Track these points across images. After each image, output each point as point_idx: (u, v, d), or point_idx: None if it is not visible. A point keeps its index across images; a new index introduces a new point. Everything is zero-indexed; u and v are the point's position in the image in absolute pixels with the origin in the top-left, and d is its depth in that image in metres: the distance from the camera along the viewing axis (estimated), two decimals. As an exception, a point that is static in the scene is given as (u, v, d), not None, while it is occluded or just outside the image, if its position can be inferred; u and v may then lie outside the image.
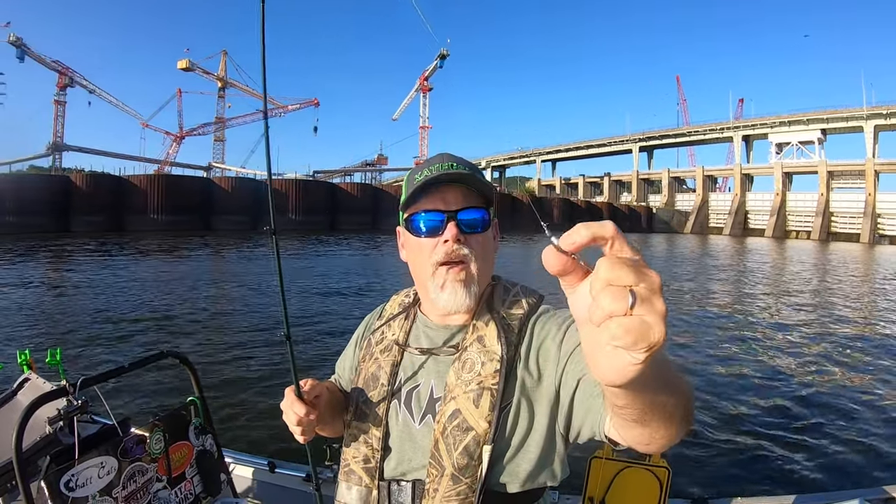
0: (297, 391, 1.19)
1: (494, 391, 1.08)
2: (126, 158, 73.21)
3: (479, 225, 1.17)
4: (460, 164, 1.18)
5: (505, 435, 1.09)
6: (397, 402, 1.21)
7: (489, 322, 1.18)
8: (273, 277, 1.42)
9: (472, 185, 1.17)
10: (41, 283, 16.28)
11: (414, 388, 1.20)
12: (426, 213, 1.16)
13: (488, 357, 1.12)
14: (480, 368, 1.11)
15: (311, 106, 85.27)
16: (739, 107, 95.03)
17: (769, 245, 54.54)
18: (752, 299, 17.25)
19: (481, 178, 1.19)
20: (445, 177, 1.13)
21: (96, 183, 47.10)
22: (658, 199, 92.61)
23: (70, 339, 9.42)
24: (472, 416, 1.07)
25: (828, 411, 6.92)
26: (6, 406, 2.01)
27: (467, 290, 1.15)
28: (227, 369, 7.74)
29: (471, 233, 1.17)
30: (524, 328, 1.18)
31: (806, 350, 10.47)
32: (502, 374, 1.10)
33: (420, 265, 1.20)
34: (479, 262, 1.17)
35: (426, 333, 1.26)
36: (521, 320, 1.18)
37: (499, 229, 1.30)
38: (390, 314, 1.38)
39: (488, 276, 1.24)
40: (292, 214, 52.35)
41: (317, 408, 1.22)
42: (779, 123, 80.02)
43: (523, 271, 19.17)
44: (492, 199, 1.21)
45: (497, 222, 1.27)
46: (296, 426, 1.20)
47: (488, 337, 1.15)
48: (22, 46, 64.89)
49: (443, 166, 1.16)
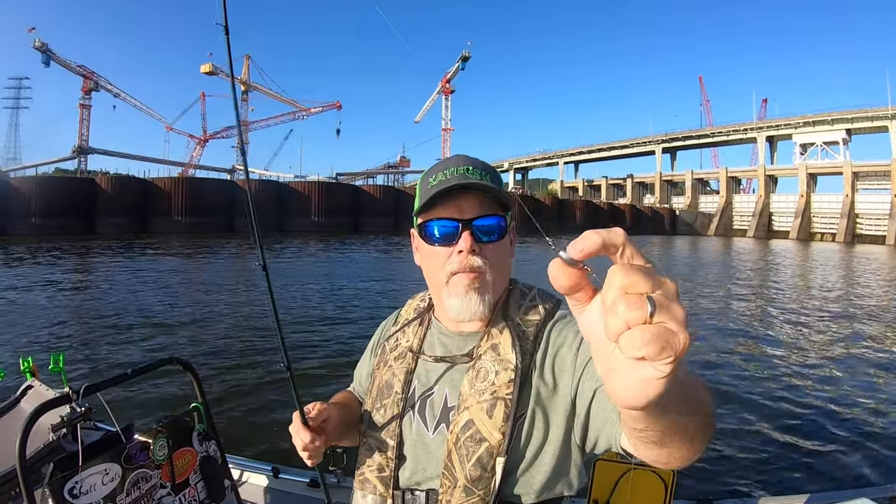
0: (302, 418, 1.19)
1: (508, 401, 1.06)
2: (150, 161, 74.59)
3: (495, 232, 1.16)
4: (476, 167, 1.16)
5: (519, 446, 1.07)
6: (411, 411, 1.20)
7: (504, 329, 1.16)
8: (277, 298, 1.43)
9: (488, 192, 1.14)
10: (56, 285, 16.52)
11: (428, 396, 1.19)
12: (440, 220, 1.15)
13: (502, 366, 1.10)
14: (494, 378, 1.09)
15: (334, 109, 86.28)
16: (763, 107, 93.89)
17: (794, 247, 53.76)
18: (767, 301, 17.05)
19: (497, 184, 1.16)
20: (460, 186, 1.11)
21: (121, 185, 47.93)
22: (681, 201, 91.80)
23: (76, 343, 9.55)
24: (486, 427, 1.06)
25: (833, 412, 6.88)
26: (10, 413, 2.03)
27: (481, 299, 1.14)
28: (231, 375, 7.77)
29: (487, 241, 1.15)
30: (540, 335, 1.16)
31: (815, 351, 10.42)
32: (517, 384, 1.08)
33: (434, 272, 1.18)
34: (494, 270, 1.15)
35: (441, 340, 1.25)
36: (537, 327, 1.16)
37: (517, 233, 1.28)
38: (405, 319, 1.37)
39: (504, 283, 1.23)
40: (315, 217, 52.95)
41: (324, 432, 1.22)
42: (803, 124, 78.81)
43: (542, 275, 19.09)
44: (509, 205, 1.19)
45: (514, 226, 1.25)
46: (302, 451, 1.21)
47: (503, 345, 1.13)
48: (47, 51, 65.96)
49: (458, 171, 1.14)
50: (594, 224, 70.18)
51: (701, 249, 46.28)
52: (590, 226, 0.40)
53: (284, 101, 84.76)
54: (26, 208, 42.06)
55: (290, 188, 55.37)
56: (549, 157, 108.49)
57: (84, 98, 70.69)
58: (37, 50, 65.56)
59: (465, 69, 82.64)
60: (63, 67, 68.66)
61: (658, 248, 44.64)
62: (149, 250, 29.58)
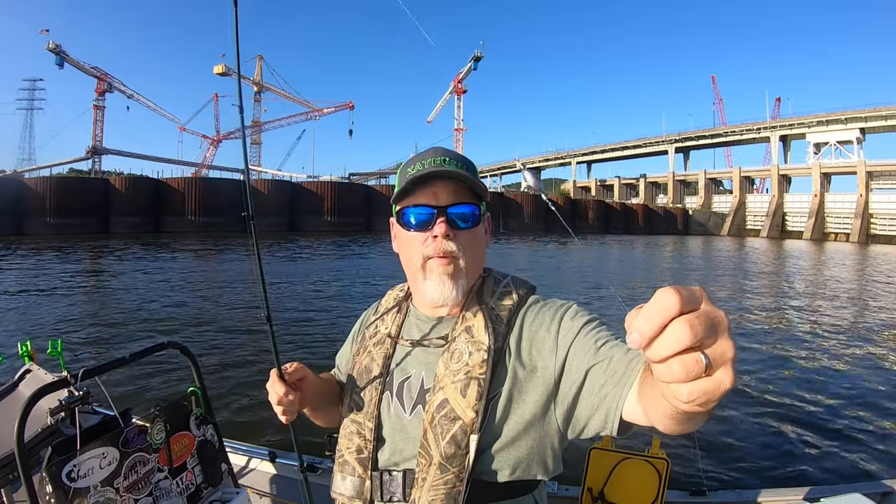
0: (279, 372, 1.21)
1: (482, 381, 1.08)
2: (164, 161, 75.37)
3: (469, 219, 1.19)
4: (452, 157, 1.20)
5: (493, 425, 1.08)
6: (389, 394, 1.22)
7: (477, 313, 1.18)
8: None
9: (463, 181, 1.17)
10: (67, 282, 16.74)
11: (405, 379, 1.21)
12: (416, 207, 1.18)
13: (476, 347, 1.12)
14: (468, 359, 1.11)
15: (346, 109, 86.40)
16: (776, 106, 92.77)
17: (808, 248, 53.30)
18: (772, 298, 16.98)
19: (472, 174, 1.19)
20: (436, 173, 1.15)
21: (135, 185, 48.22)
22: (694, 201, 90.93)
23: (79, 332, 9.72)
24: (460, 406, 1.08)
25: (827, 407, 6.91)
26: (8, 397, 2.04)
27: (455, 283, 1.17)
28: (229, 360, 7.87)
29: (461, 228, 1.18)
30: (513, 319, 1.18)
31: (816, 345, 10.46)
32: (489, 364, 1.10)
33: (410, 257, 1.21)
34: (468, 256, 1.18)
35: (417, 325, 1.27)
36: (510, 311, 1.19)
37: (491, 223, 1.31)
38: (385, 308, 1.40)
39: (478, 269, 1.25)
40: (328, 216, 53.04)
41: (299, 390, 1.24)
42: (816, 123, 77.74)
43: (556, 275, 19.14)
44: (483, 195, 1.22)
45: (489, 216, 1.28)
46: (276, 405, 1.22)
47: (476, 327, 1.15)
48: (61, 53, 66.53)
49: (435, 161, 1.17)
50: (607, 224, 68.45)
51: (715, 249, 45.95)
52: (602, 226, 0.37)
53: (297, 101, 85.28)
54: (42, 208, 42.54)
55: (303, 188, 55.54)
56: (562, 156, 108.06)
57: (98, 99, 71.31)
58: (50, 52, 66.15)
59: (477, 69, 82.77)
60: (77, 69, 69.31)
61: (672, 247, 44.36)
62: (161, 249, 29.81)
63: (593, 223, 68.12)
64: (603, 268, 26.42)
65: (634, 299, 0.69)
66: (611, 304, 13.17)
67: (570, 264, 25.63)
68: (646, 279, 21.81)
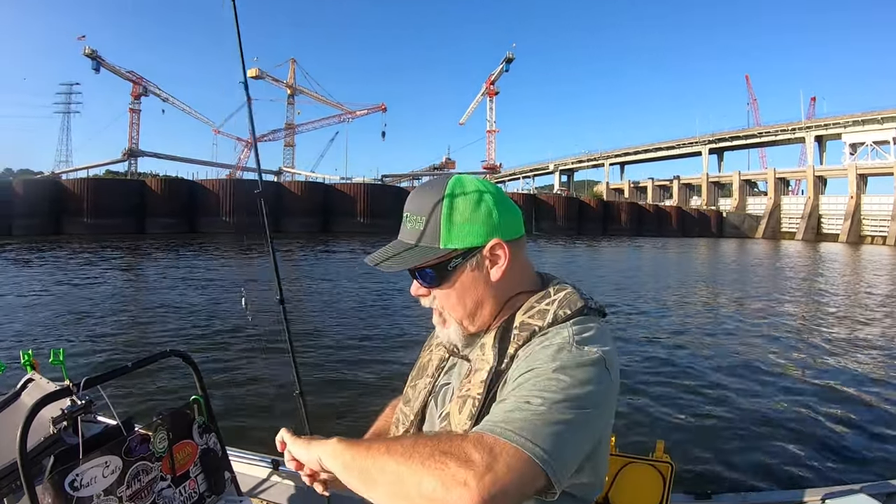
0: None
1: (476, 401, 1.05)
2: (199, 164, 76.45)
3: (430, 282, 1.15)
4: (413, 212, 1.16)
5: None
6: (434, 395, 1.26)
7: (494, 331, 1.13)
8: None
9: (406, 260, 1.13)
10: (90, 283, 17.17)
11: (446, 385, 1.25)
12: None
13: (481, 365, 1.09)
14: (472, 376, 1.10)
15: (379, 111, 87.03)
16: (811, 106, 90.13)
17: (843, 251, 52.22)
18: (773, 300, 16.83)
19: (447, 211, 1.12)
20: (378, 261, 1.17)
21: (170, 187, 49.15)
22: (728, 203, 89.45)
23: (91, 336, 9.89)
24: (455, 423, 1.06)
25: (832, 408, 6.86)
26: (10, 406, 2.05)
27: (447, 329, 1.19)
28: (231, 367, 7.88)
29: (431, 286, 1.17)
30: (530, 340, 1.08)
31: (820, 347, 10.47)
32: (486, 384, 1.06)
33: None
34: (450, 305, 1.16)
35: (464, 336, 1.25)
36: (530, 332, 1.08)
37: (494, 252, 1.13)
38: None
39: (479, 307, 1.16)
40: (361, 218, 53.48)
41: None
42: (852, 123, 75.72)
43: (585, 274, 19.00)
44: (446, 252, 1.12)
45: (481, 257, 1.13)
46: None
47: (487, 345, 1.12)
48: (97, 58, 68.35)
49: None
50: (639, 226, 68.13)
51: (749, 254, 45.25)
52: (635, 228, 0.35)
53: (330, 104, 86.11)
54: (79, 209, 43.60)
55: (336, 190, 56.17)
56: (595, 158, 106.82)
57: (133, 103, 73.01)
58: (87, 57, 67.92)
59: (508, 71, 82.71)
60: (112, 73, 70.90)
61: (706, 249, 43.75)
62: (195, 250, 30.29)
63: (626, 225, 67.63)
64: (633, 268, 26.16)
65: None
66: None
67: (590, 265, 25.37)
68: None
